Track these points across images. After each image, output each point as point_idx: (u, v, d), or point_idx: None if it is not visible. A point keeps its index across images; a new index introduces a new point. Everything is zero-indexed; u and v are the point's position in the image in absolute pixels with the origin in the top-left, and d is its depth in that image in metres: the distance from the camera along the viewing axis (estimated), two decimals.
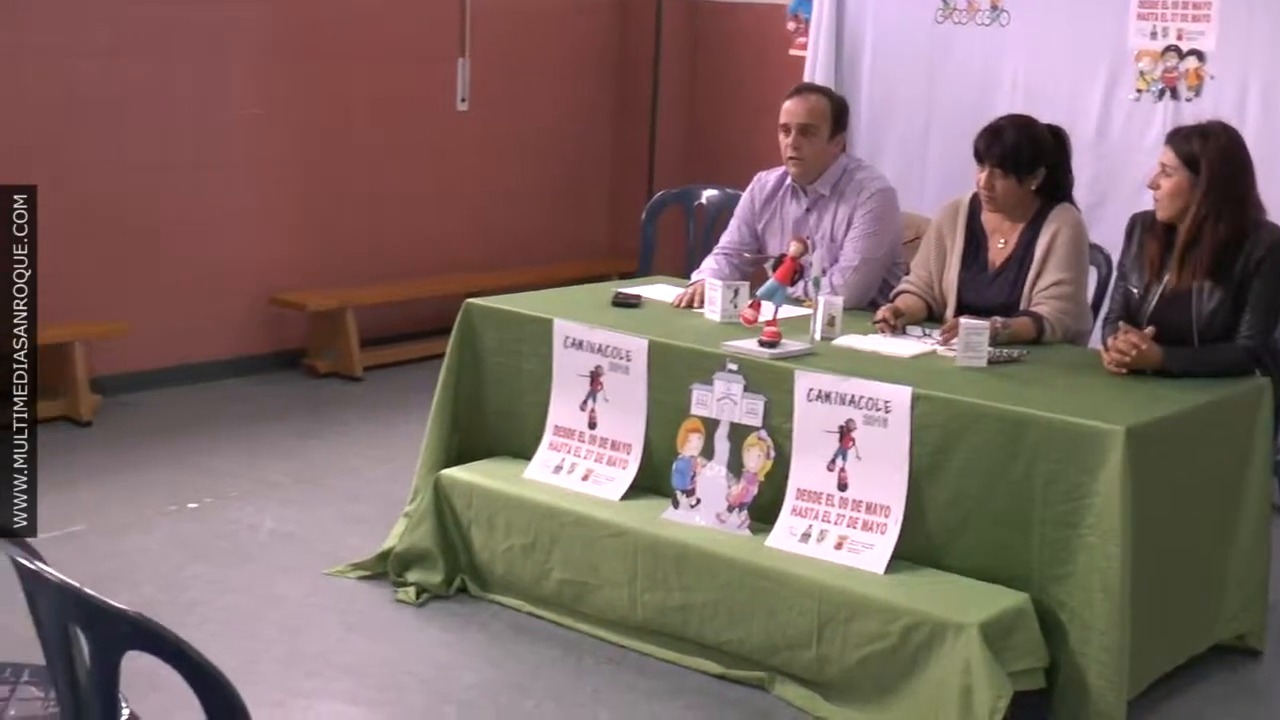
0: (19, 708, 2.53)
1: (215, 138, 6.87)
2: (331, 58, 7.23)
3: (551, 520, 4.31)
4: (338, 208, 7.38)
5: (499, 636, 4.26)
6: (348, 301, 7.10)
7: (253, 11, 6.92)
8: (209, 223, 6.89)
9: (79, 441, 6.00)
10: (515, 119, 8.09)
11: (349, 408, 6.72)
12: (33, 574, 1.76)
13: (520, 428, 4.63)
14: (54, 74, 6.29)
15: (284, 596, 4.46)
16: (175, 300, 6.79)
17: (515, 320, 4.64)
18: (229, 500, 5.32)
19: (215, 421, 6.35)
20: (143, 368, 6.66)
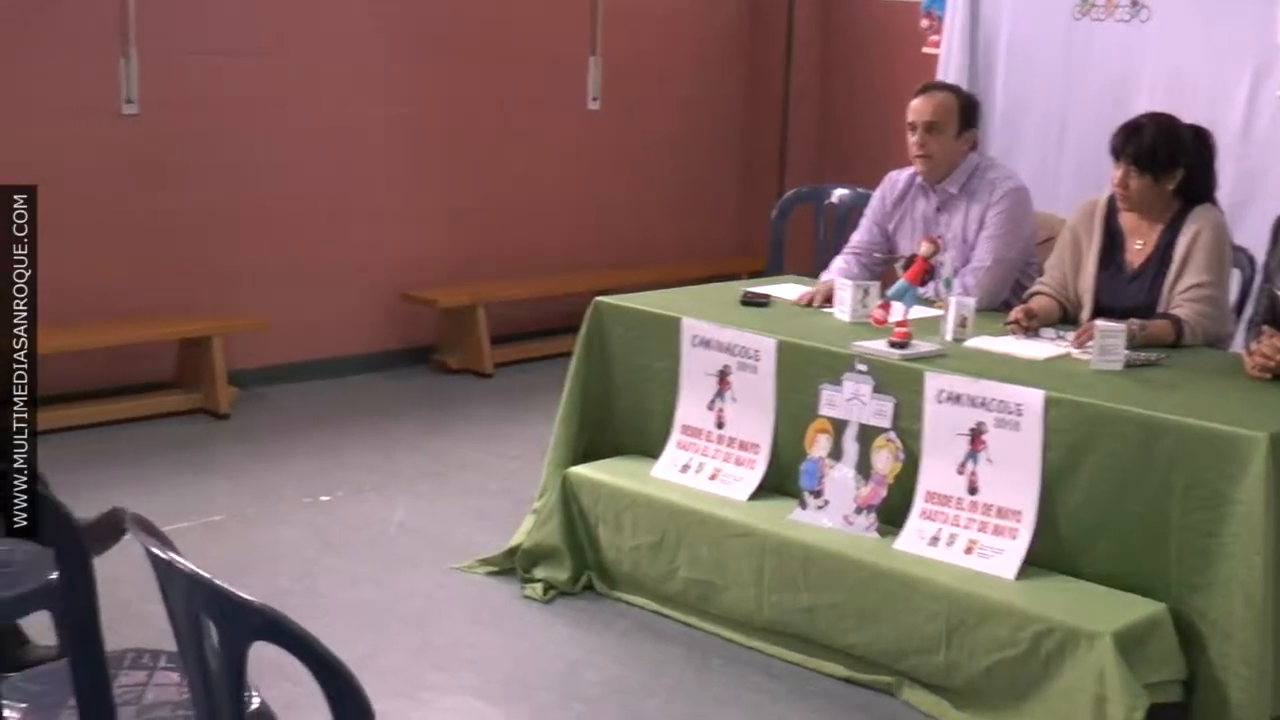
0: (156, 692, 2.58)
1: (354, 136, 6.97)
2: (465, 58, 7.30)
3: (678, 519, 4.30)
4: (471, 206, 7.45)
5: (625, 635, 4.26)
6: (479, 298, 7.16)
7: (391, 12, 7.01)
8: (346, 219, 7.00)
9: (217, 433, 6.13)
10: (646, 117, 8.11)
11: (479, 404, 6.77)
12: (165, 564, 1.79)
13: (648, 426, 4.63)
14: (206, 72, 6.43)
15: (412, 590, 4.51)
16: (311, 295, 6.91)
17: (643, 319, 4.64)
18: (361, 493, 5.39)
19: (348, 416, 6.44)
20: (279, 361, 6.78)
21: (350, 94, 6.94)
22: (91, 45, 6.14)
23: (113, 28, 6.16)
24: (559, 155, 7.81)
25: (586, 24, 7.78)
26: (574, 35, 7.76)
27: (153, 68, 6.27)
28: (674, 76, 8.21)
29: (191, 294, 6.52)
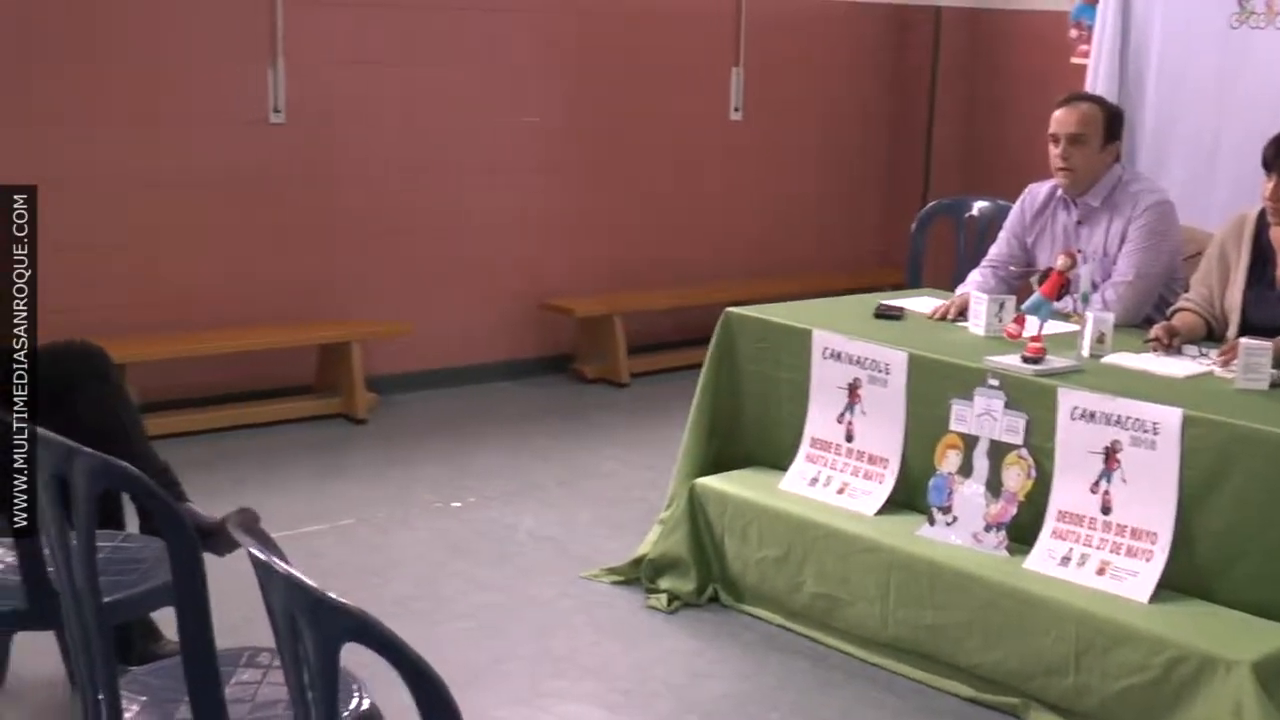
0: (269, 690, 2.61)
1: (496, 145, 7.04)
2: (607, 68, 7.33)
3: (805, 533, 4.25)
4: (610, 215, 7.47)
5: (749, 647, 4.22)
6: (617, 308, 7.18)
7: (535, 22, 7.06)
8: (487, 228, 7.06)
9: (353, 438, 6.22)
10: (788, 128, 8.06)
11: (614, 413, 6.78)
12: (264, 565, 1.80)
13: (777, 438, 4.59)
14: (351, 82, 6.54)
15: (537, 597, 4.52)
16: (451, 303, 6.98)
17: (774, 330, 4.60)
18: (491, 500, 5.42)
19: (483, 422, 6.49)
20: (417, 368, 6.86)
21: (493, 103, 7.00)
22: (242, 56, 6.28)
23: (263, 39, 6.30)
24: (700, 166, 7.79)
25: (730, 34, 7.76)
26: (717, 45, 7.75)
27: (299, 78, 6.39)
28: (817, 87, 8.15)
29: (333, 300, 6.63)
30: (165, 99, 6.10)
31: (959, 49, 8.29)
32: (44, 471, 2.32)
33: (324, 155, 6.52)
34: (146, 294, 6.13)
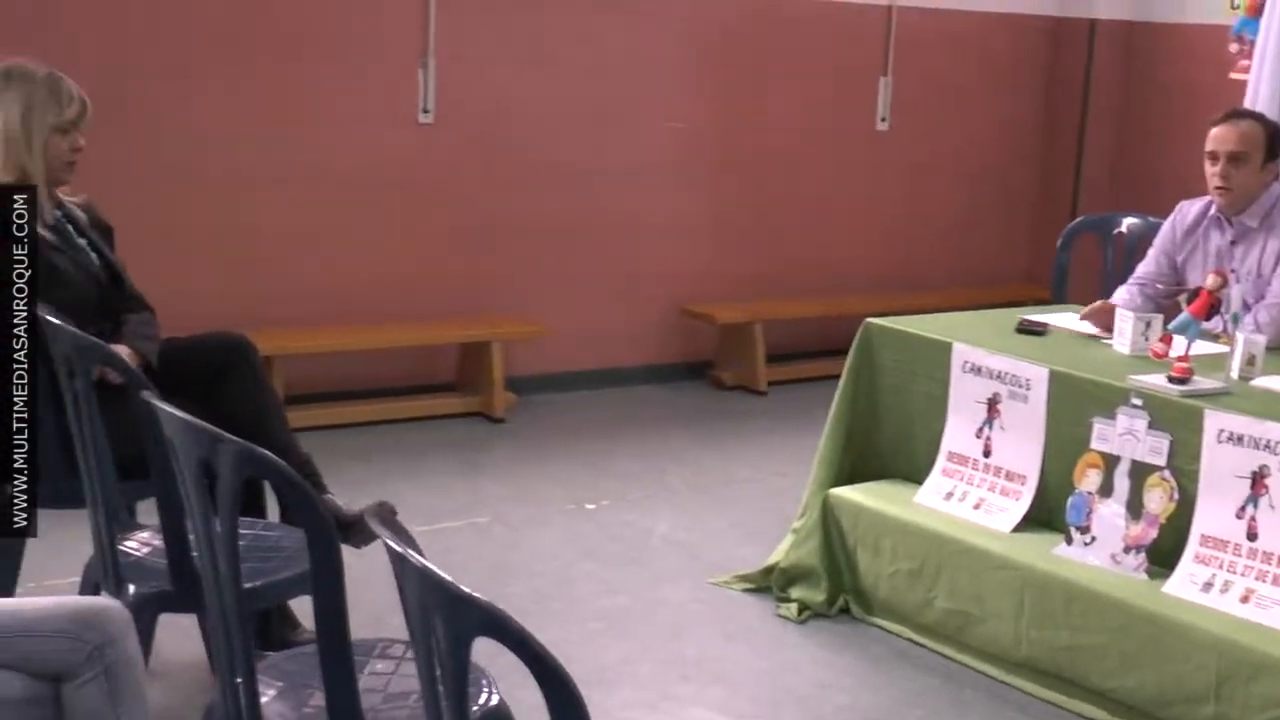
0: (401, 682, 2.66)
1: (640, 149, 7.07)
2: (753, 73, 7.32)
3: (939, 548, 4.21)
4: (753, 222, 7.46)
5: (879, 660, 4.19)
6: (757, 316, 7.17)
7: (682, 28, 7.08)
8: (629, 231, 7.10)
9: (491, 436, 6.29)
10: (935, 139, 7.98)
11: (751, 421, 6.77)
12: (400, 557, 1.83)
13: (912, 451, 4.55)
14: (498, 83, 6.62)
15: (667, 601, 4.53)
16: (591, 305, 7.03)
17: (913, 342, 4.56)
18: (626, 503, 5.44)
19: (621, 426, 6.52)
20: (556, 369, 6.91)
21: (637, 108, 7.04)
22: (393, 56, 6.39)
23: (414, 39, 6.40)
24: (845, 175, 7.75)
25: (879, 43, 7.71)
26: (865, 54, 7.70)
27: (449, 78, 6.48)
28: (966, 98, 8.06)
29: (475, 299, 6.71)
30: (318, 98, 6.23)
31: (1113, 62, 8.14)
32: (190, 458, 2.38)
33: (470, 156, 6.61)
34: (297, 288, 6.26)
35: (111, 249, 3.90)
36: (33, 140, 3.61)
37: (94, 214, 3.90)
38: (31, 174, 3.61)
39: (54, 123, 3.63)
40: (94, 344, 3.13)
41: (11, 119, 3.60)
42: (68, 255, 3.71)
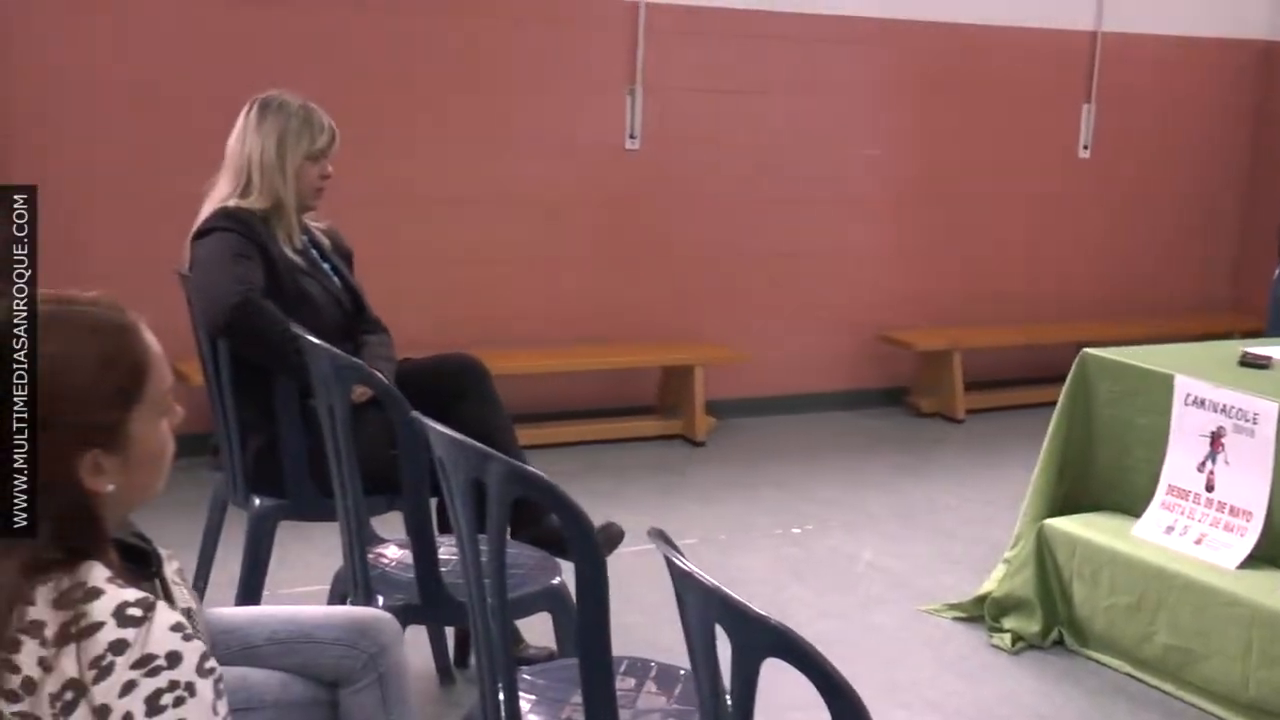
0: (646, 699, 2.72)
1: (840, 176, 7.10)
2: (954, 100, 7.30)
3: (1160, 582, 4.16)
4: (951, 249, 7.44)
5: (1096, 694, 4.16)
6: (956, 343, 7.14)
7: (883, 53, 7.10)
8: (826, 258, 7.13)
9: (692, 459, 6.36)
10: (1139, 167, 7.87)
11: (948, 448, 6.75)
12: (684, 574, 1.89)
13: (1130, 483, 4.50)
14: (704, 110, 6.71)
15: (879, 627, 4.54)
16: (790, 331, 7.07)
17: (1132, 373, 4.52)
18: (830, 528, 5.47)
19: (820, 451, 6.54)
20: (755, 394, 6.96)
21: (839, 135, 7.07)
22: (601, 84, 6.52)
23: (622, 67, 6.52)
24: (1044, 202, 7.68)
25: (1082, 69, 7.63)
26: (1068, 80, 7.63)
27: (655, 105, 6.59)
28: (1172, 124, 7.93)
29: (677, 323, 6.80)
30: (528, 125, 6.38)
31: None
32: (460, 475, 2.48)
33: (675, 181, 6.70)
34: (504, 311, 6.41)
35: (351, 273, 4.05)
36: (286, 168, 3.77)
37: (336, 239, 4.06)
38: (284, 200, 3.78)
39: (306, 151, 3.79)
40: (353, 364, 3.26)
41: (268, 147, 3.76)
42: (314, 279, 3.86)
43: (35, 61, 5.48)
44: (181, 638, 1.65)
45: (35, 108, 5.51)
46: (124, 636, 1.62)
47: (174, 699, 1.62)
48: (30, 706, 1.60)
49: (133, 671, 1.61)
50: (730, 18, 6.69)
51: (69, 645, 1.61)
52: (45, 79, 5.51)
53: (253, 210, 3.78)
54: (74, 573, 1.65)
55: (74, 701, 1.60)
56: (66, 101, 5.55)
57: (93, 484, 1.70)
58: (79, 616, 1.62)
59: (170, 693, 1.62)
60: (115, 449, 1.72)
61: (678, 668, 2.83)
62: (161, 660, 1.62)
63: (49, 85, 5.52)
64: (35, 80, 5.49)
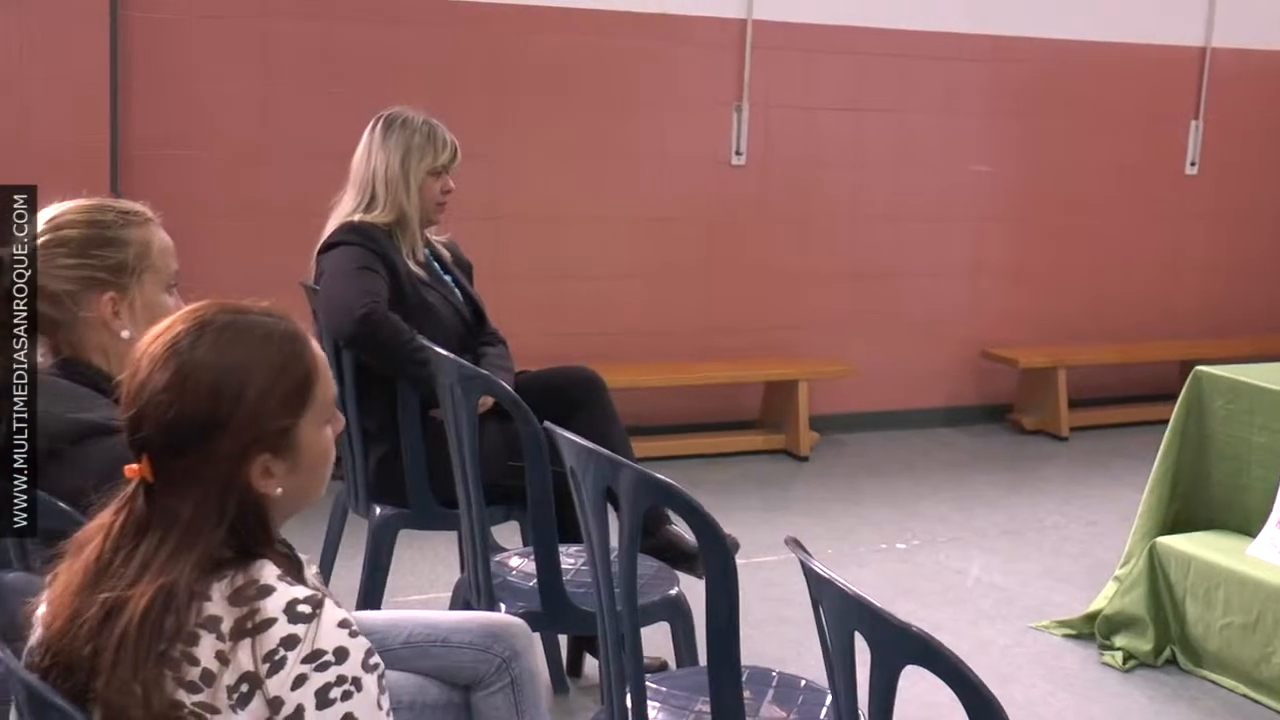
0: (768, 709, 2.75)
1: (946, 192, 7.10)
2: (1060, 116, 7.28)
3: (1277, 602, 4.12)
4: (1056, 266, 7.40)
5: (1211, 714, 4.13)
6: (1060, 361, 7.10)
7: (990, 69, 7.09)
8: (929, 273, 7.13)
9: (796, 474, 6.38)
10: (1248, 184, 7.79)
11: (1053, 465, 6.72)
12: (823, 580, 1.92)
13: (1245, 502, 4.46)
14: (809, 126, 6.75)
15: (990, 643, 4.54)
16: (892, 346, 7.07)
17: (1248, 391, 4.48)
18: (936, 544, 5.47)
19: (924, 467, 6.54)
20: (858, 409, 6.97)
21: (944, 151, 7.07)
22: (708, 100, 6.57)
23: (729, 84, 6.57)
24: (1151, 219, 7.62)
25: (1191, 86, 7.57)
26: (1176, 97, 7.57)
27: (761, 121, 6.63)
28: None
29: (780, 337, 6.83)
30: (635, 140, 6.45)
31: None
32: (591, 483, 2.53)
33: (780, 197, 6.74)
34: (609, 324, 6.47)
35: (472, 285, 4.12)
36: (410, 182, 3.85)
37: (457, 252, 4.14)
38: (408, 214, 3.86)
39: (429, 166, 3.87)
40: (480, 374, 3.33)
41: (392, 163, 3.85)
42: (437, 291, 3.94)
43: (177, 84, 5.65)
44: (348, 634, 1.71)
45: (177, 127, 5.68)
46: (295, 632, 1.68)
47: (342, 693, 1.68)
48: (209, 697, 1.67)
49: (303, 666, 1.67)
50: (838, 35, 6.72)
51: (244, 640, 1.67)
52: (184, 99, 5.66)
53: (377, 224, 3.86)
54: (247, 570, 1.72)
55: (249, 693, 1.67)
56: (201, 119, 5.71)
57: (262, 486, 1.76)
58: (253, 612, 1.68)
59: (338, 687, 1.68)
60: (284, 454, 1.78)
61: (798, 678, 2.86)
62: (330, 656, 1.68)
63: (189, 105, 5.68)
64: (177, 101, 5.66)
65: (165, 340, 1.76)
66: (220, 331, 1.77)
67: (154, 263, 2.39)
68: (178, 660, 1.67)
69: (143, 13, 5.54)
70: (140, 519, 1.74)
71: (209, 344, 1.76)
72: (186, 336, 1.76)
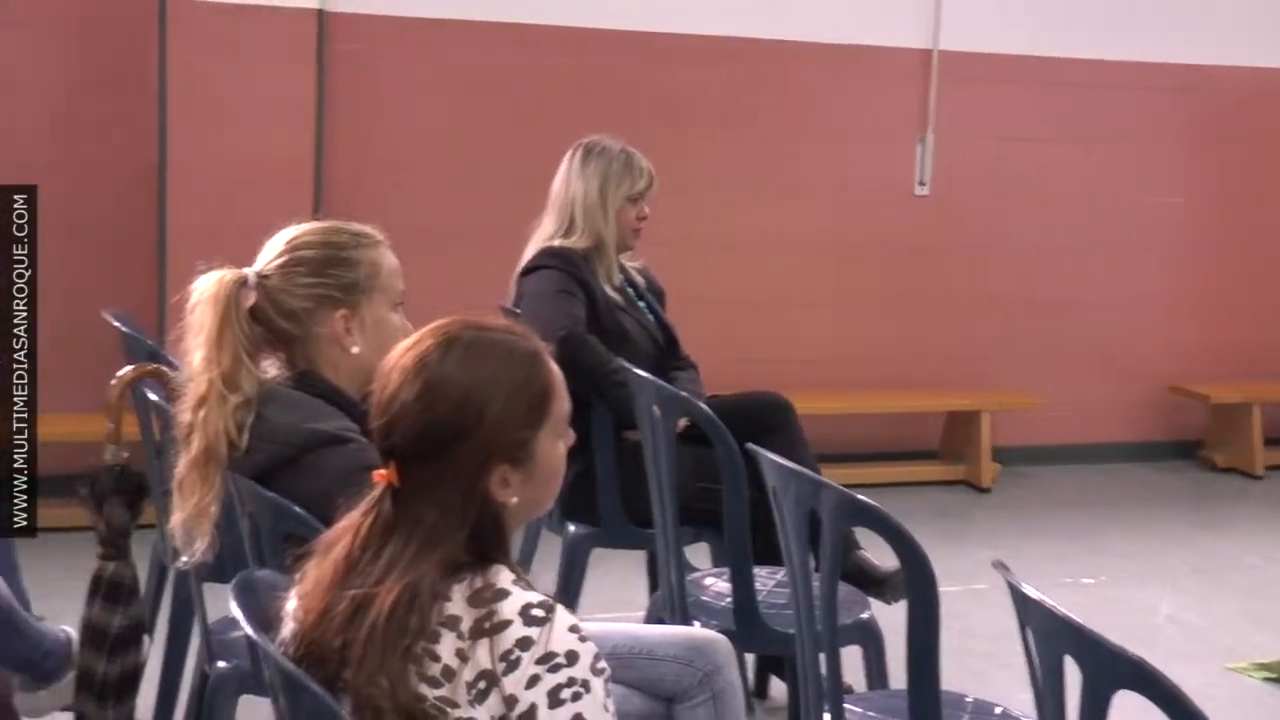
0: None
1: (1134, 224, 7.00)
2: (1252, 147, 7.12)
3: None
4: (1249, 299, 7.24)
5: None
6: (1254, 396, 6.93)
7: (1187, 99, 6.98)
8: (1117, 306, 7.02)
9: (977, 505, 6.34)
10: None
11: (1246, 504, 6.57)
12: (1032, 603, 1.94)
13: None
14: (994, 157, 6.72)
15: (1183, 682, 4.42)
16: (1078, 379, 6.97)
17: None
18: (1122, 580, 5.38)
19: (1109, 502, 6.45)
20: (1041, 442, 6.89)
21: (1134, 182, 6.98)
22: (892, 130, 6.58)
23: (913, 114, 6.57)
24: None
25: None
26: None
27: (946, 152, 6.62)
28: None
29: (964, 368, 6.79)
30: (818, 169, 6.49)
31: None
32: (792, 504, 2.57)
33: (964, 227, 6.71)
34: (792, 352, 6.49)
35: (664, 311, 4.19)
36: (607, 209, 3.94)
37: (651, 278, 4.21)
38: (605, 240, 3.95)
39: (626, 193, 3.96)
40: (678, 396, 3.39)
41: (591, 189, 3.94)
42: (631, 315, 4.02)
43: (379, 113, 5.85)
44: (578, 638, 1.78)
45: (379, 154, 5.89)
46: (529, 634, 1.75)
47: (572, 694, 1.75)
48: (449, 692, 1.75)
49: (537, 667, 1.74)
50: (1025, 65, 6.68)
51: (482, 639, 1.75)
52: (386, 128, 5.87)
53: (575, 249, 3.96)
54: (485, 574, 1.80)
55: (487, 690, 1.74)
56: (402, 147, 5.91)
57: (500, 495, 1.85)
58: (491, 614, 1.76)
59: (569, 688, 1.75)
60: (521, 465, 1.86)
61: (992, 704, 2.87)
62: (561, 658, 1.75)
63: (390, 133, 5.88)
64: (379, 129, 5.86)
65: (415, 354, 1.85)
66: (467, 347, 1.85)
67: (383, 282, 2.51)
68: (420, 656, 1.76)
69: (348, 45, 5.74)
70: (387, 521, 1.83)
71: (456, 359, 1.84)
72: (435, 351, 1.85)
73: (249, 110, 5.54)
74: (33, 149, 5.44)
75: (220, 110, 5.50)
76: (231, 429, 2.33)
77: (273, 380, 2.44)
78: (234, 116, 5.52)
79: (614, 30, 6.11)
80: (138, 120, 5.52)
